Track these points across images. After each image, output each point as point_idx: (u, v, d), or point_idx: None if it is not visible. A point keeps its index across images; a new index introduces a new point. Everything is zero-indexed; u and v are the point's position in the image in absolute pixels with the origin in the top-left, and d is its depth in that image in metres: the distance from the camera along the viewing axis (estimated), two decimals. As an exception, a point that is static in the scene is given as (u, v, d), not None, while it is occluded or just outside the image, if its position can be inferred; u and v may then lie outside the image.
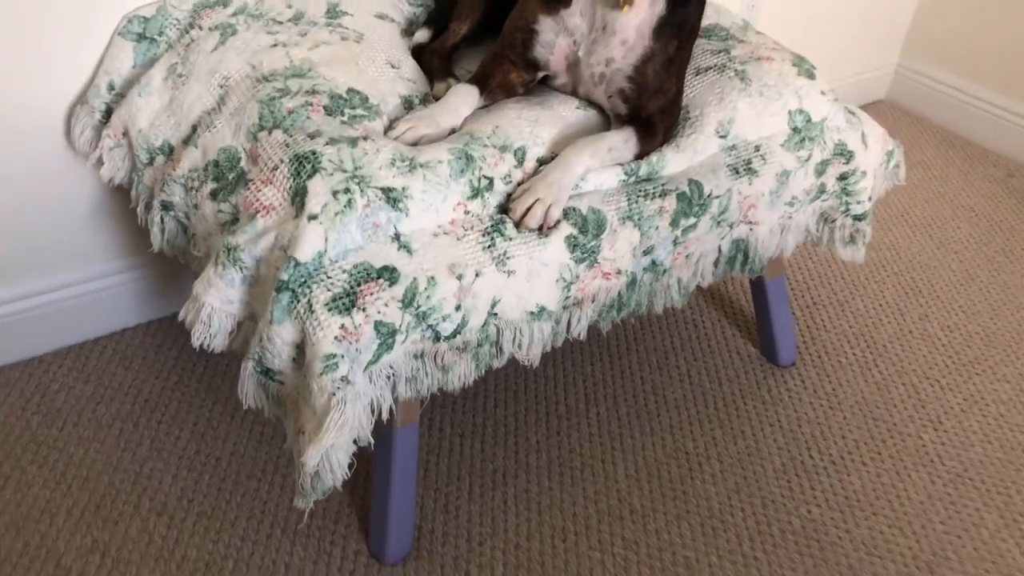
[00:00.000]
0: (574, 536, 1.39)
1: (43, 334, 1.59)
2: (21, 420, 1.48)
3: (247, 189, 1.14)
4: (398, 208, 1.10)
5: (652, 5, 1.24)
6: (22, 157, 1.43)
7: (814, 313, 1.91)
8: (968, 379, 1.77)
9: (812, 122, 1.44)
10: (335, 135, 1.15)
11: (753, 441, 1.59)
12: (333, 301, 1.03)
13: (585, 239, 1.20)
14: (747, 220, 1.40)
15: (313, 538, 1.34)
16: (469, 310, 1.12)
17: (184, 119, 1.27)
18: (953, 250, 2.16)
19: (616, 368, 1.71)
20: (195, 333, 1.13)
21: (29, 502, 1.35)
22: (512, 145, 1.23)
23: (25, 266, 1.52)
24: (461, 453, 1.50)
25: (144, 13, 1.38)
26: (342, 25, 1.39)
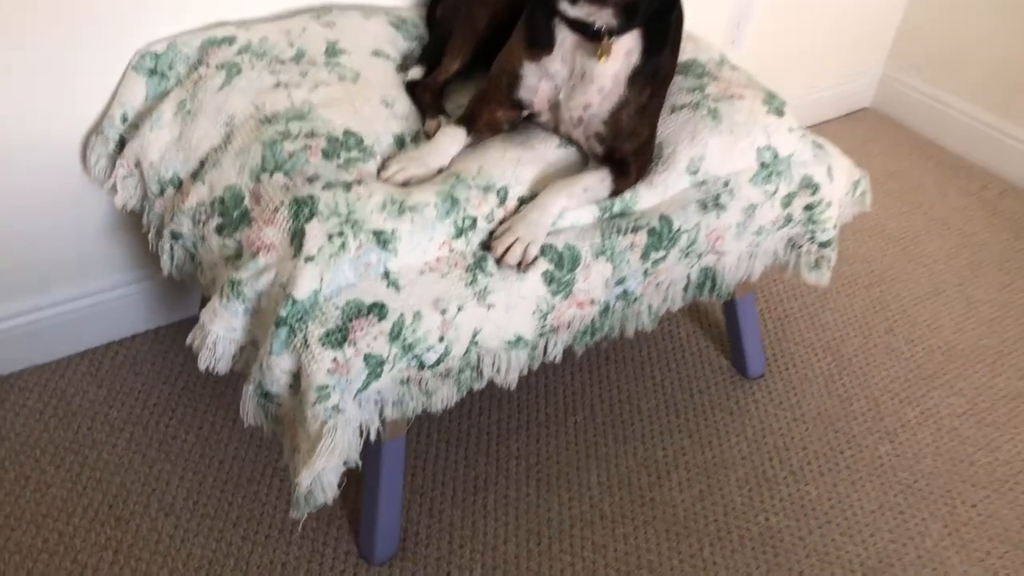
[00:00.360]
0: (548, 540, 1.51)
1: (60, 340, 1.70)
2: (40, 422, 1.59)
3: (250, 227, 1.24)
4: (387, 249, 1.20)
5: (627, 56, 1.34)
6: (41, 179, 1.54)
7: (784, 326, 2.02)
8: (926, 392, 1.89)
9: (779, 157, 1.54)
10: (331, 179, 1.25)
11: (719, 451, 1.71)
12: (327, 336, 1.14)
13: (561, 273, 1.31)
14: (715, 250, 1.50)
15: (307, 539, 1.46)
16: (451, 341, 1.23)
17: (192, 154, 1.38)
18: (923, 263, 2.27)
19: (594, 377, 1.83)
20: (201, 358, 1.24)
21: (48, 501, 1.47)
22: (495, 185, 1.33)
23: (43, 278, 1.63)
24: (446, 459, 1.62)
25: (156, 49, 1.48)
26: (340, 64, 1.49)
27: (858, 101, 2.95)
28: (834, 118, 2.91)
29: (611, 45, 1.32)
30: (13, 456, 1.53)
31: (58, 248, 1.62)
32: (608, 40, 1.31)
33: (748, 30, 2.40)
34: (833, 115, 2.90)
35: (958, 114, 2.73)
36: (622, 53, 1.33)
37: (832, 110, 2.89)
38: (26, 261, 1.60)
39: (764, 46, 2.48)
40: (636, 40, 1.33)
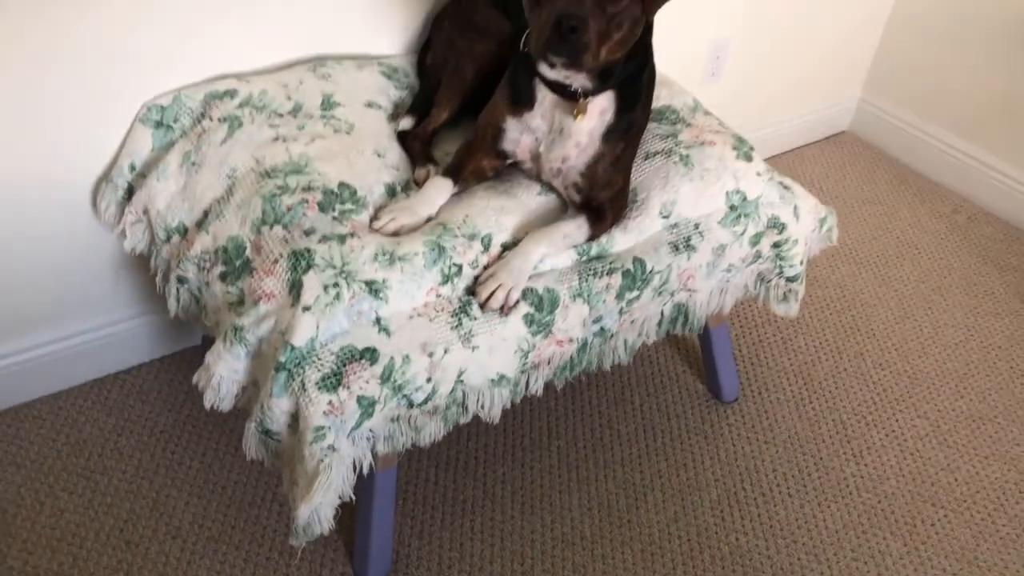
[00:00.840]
0: (531, 561, 1.61)
1: (71, 370, 1.80)
2: (52, 450, 1.69)
3: (252, 276, 1.34)
4: (379, 297, 1.30)
5: (602, 114, 1.44)
6: (53, 222, 1.63)
7: (758, 351, 2.13)
8: (891, 415, 1.99)
9: (747, 200, 1.64)
10: (327, 232, 1.35)
11: (694, 473, 1.81)
12: (322, 380, 1.24)
13: (540, 315, 1.41)
14: (686, 288, 1.60)
15: (306, 560, 1.56)
16: (439, 381, 1.33)
17: (197, 204, 1.48)
18: (893, 288, 2.38)
19: (576, 403, 1.93)
20: (206, 397, 1.34)
21: (62, 526, 1.57)
22: (480, 233, 1.43)
23: (55, 313, 1.73)
24: (435, 484, 1.72)
25: (161, 102, 1.58)
26: (335, 117, 1.59)
27: (837, 125, 3.06)
28: (814, 141, 3.01)
29: (587, 104, 1.42)
30: (29, 483, 1.63)
31: (69, 285, 1.72)
32: (584, 100, 1.41)
33: (727, 62, 2.50)
34: (813, 139, 3.01)
35: (932, 140, 2.83)
36: (597, 112, 1.44)
37: (812, 134, 2.99)
38: (39, 297, 1.69)
39: (743, 77, 2.58)
40: (610, 100, 1.44)
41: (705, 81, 2.49)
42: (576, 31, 1.25)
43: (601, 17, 1.28)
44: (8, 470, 1.65)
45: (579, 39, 1.26)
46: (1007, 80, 2.58)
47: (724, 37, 2.43)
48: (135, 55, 1.55)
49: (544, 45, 1.27)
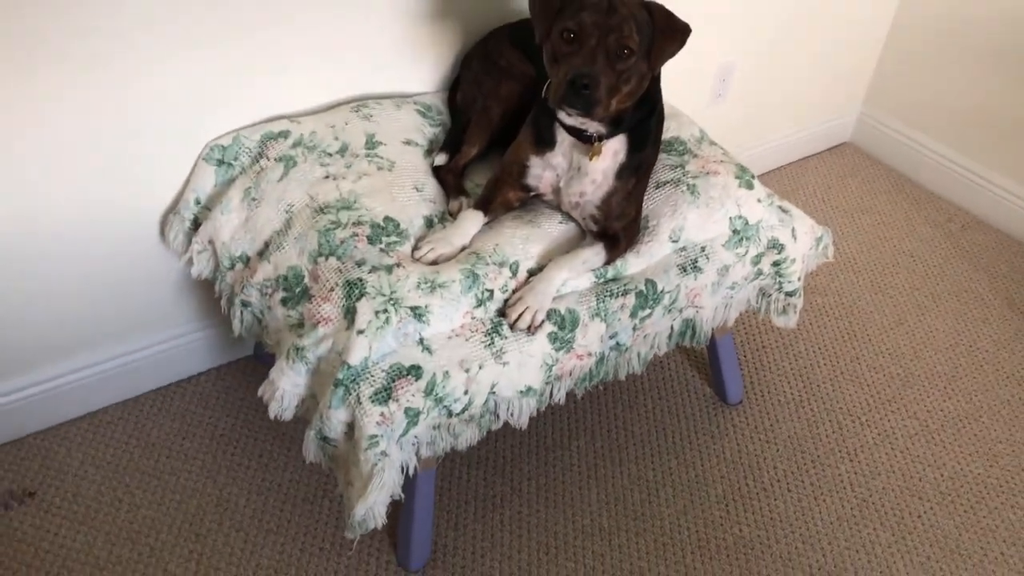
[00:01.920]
0: (555, 550, 1.80)
1: (139, 379, 2.00)
2: (126, 452, 1.89)
3: (310, 302, 1.53)
4: (422, 321, 1.49)
5: (615, 155, 1.63)
6: (126, 247, 1.82)
7: (762, 356, 2.31)
8: (884, 416, 2.17)
9: (749, 224, 1.82)
10: (376, 263, 1.54)
11: (701, 470, 2.00)
12: (375, 395, 1.43)
13: (563, 333, 1.60)
14: (693, 305, 1.78)
15: (360, 548, 1.76)
16: (474, 393, 1.52)
17: (258, 236, 1.67)
18: (889, 295, 2.55)
19: (594, 406, 2.12)
20: (271, 408, 1.53)
21: (139, 520, 1.77)
22: (508, 260, 1.61)
23: (124, 327, 1.93)
24: (468, 481, 1.92)
25: (222, 142, 1.77)
26: (378, 155, 1.77)
27: (839, 137, 3.22)
28: (817, 152, 3.18)
29: (601, 147, 1.60)
30: (107, 481, 1.83)
31: (138, 304, 1.91)
32: (598, 143, 1.60)
33: (732, 84, 2.67)
34: (817, 150, 3.17)
35: (928, 152, 3.00)
36: (610, 153, 1.62)
37: (816, 145, 3.16)
38: (113, 315, 1.89)
39: (748, 97, 2.75)
40: (622, 143, 1.62)
41: (713, 102, 2.66)
42: (588, 88, 1.43)
43: (611, 74, 1.47)
44: (89, 470, 1.85)
45: (591, 95, 1.44)
46: (999, 95, 2.74)
47: (730, 61, 2.60)
48: (199, 99, 1.73)
49: (561, 98, 1.46)
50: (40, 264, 1.75)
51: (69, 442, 1.90)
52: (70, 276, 1.80)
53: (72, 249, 1.77)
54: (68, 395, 1.92)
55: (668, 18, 1.53)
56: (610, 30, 1.46)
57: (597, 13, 1.47)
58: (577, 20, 1.47)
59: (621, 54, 1.47)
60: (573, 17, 1.48)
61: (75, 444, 1.89)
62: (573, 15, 1.48)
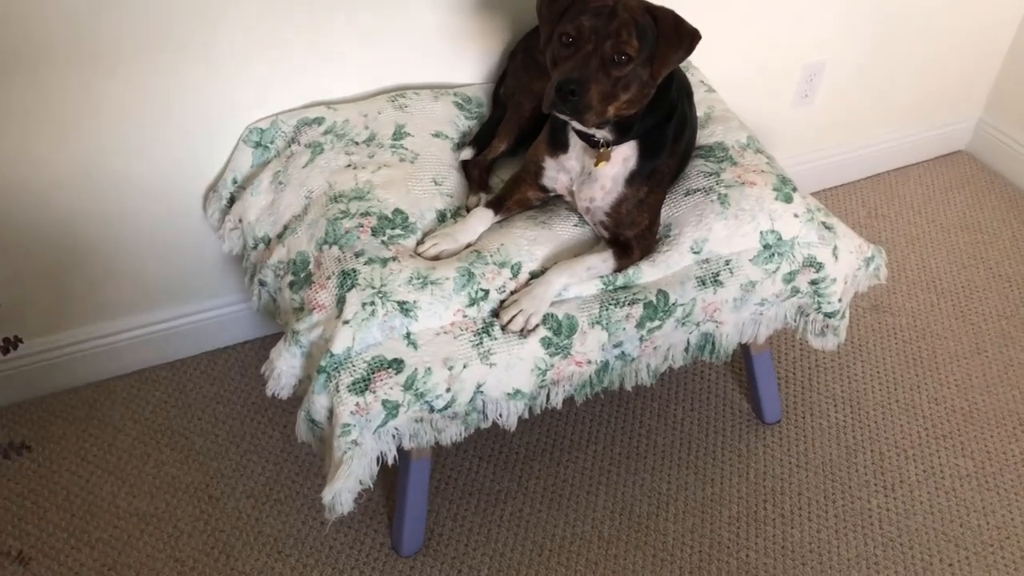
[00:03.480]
0: (549, 552, 1.80)
1: (185, 343, 2.12)
2: (163, 411, 2.02)
3: (310, 288, 1.58)
4: (409, 316, 1.51)
5: (625, 162, 1.59)
6: (173, 221, 1.93)
7: (813, 375, 2.20)
8: (935, 452, 2.03)
9: (782, 240, 1.73)
10: (373, 255, 1.57)
11: (719, 488, 1.93)
12: (353, 384, 1.47)
13: (559, 339, 1.58)
14: (712, 320, 1.72)
15: (354, 528, 1.81)
16: (457, 391, 1.53)
17: (279, 219, 1.73)
18: (971, 321, 2.37)
19: (620, 410, 2.08)
20: (268, 386, 1.59)
21: (162, 476, 1.89)
22: (511, 261, 1.61)
23: (176, 294, 2.05)
24: (476, 473, 1.93)
25: (261, 125, 1.84)
26: (403, 146, 1.80)
27: (953, 144, 3.00)
28: (926, 160, 2.97)
29: (609, 153, 1.57)
30: (142, 436, 1.96)
31: (187, 273, 2.02)
32: (605, 149, 1.56)
33: (821, 84, 2.52)
34: (925, 157, 2.97)
35: (1048, 166, 2.75)
36: (620, 159, 1.58)
37: (924, 152, 2.95)
38: (164, 281, 2.02)
39: (841, 98, 2.60)
40: (632, 149, 1.58)
41: (798, 103, 2.53)
42: (576, 94, 1.40)
43: (606, 80, 1.43)
44: (128, 424, 1.99)
45: (579, 101, 1.41)
46: None
47: (818, 61, 2.46)
48: (245, 83, 1.81)
49: (550, 103, 1.43)
50: (101, 226, 1.88)
51: (115, 396, 2.04)
52: (127, 241, 1.93)
53: (130, 217, 1.90)
54: (120, 352, 2.06)
55: (674, 23, 1.48)
56: (608, 35, 1.43)
57: (597, 17, 1.44)
58: (576, 24, 1.44)
59: (618, 60, 1.43)
60: (572, 21, 1.45)
61: (119, 399, 2.03)
62: (573, 19, 1.45)
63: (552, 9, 1.49)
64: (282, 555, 1.76)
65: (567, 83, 1.40)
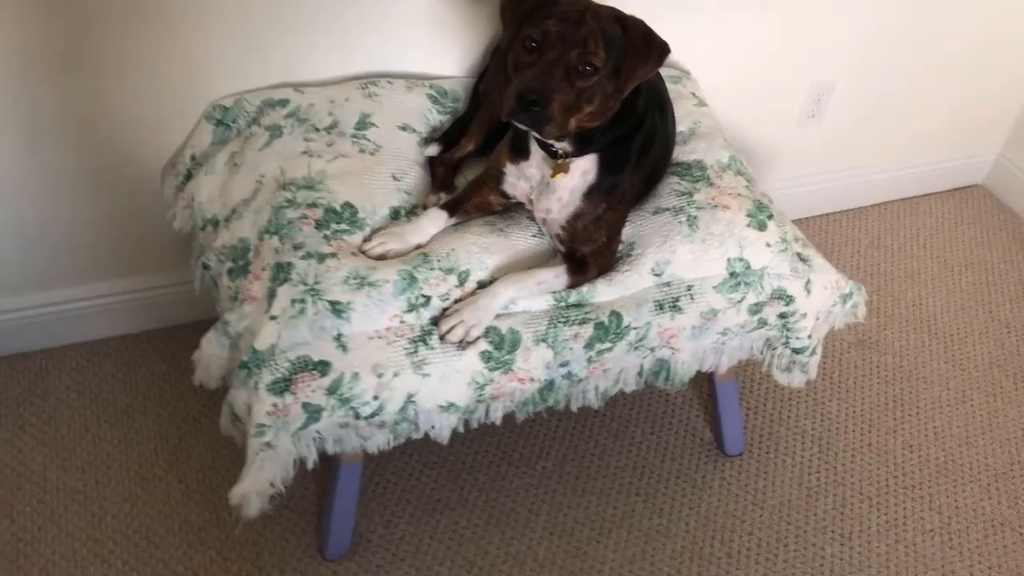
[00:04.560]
0: (478, 570, 1.73)
1: (141, 317, 2.08)
2: (109, 386, 1.98)
3: (246, 278, 1.52)
4: (341, 317, 1.45)
5: (584, 175, 1.51)
6: (134, 192, 1.89)
7: (784, 408, 2.10)
8: (901, 502, 1.93)
9: (751, 269, 1.64)
10: (312, 249, 1.50)
11: (667, 520, 1.85)
12: (273, 384, 1.40)
13: (499, 354, 1.51)
14: (669, 346, 1.64)
15: (281, 525, 1.76)
16: (386, 400, 1.46)
17: (228, 202, 1.67)
18: (961, 366, 2.26)
19: (576, 426, 2.01)
20: (195, 375, 1.54)
21: (97, 452, 1.85)
22: (458, 268, 1.54)
23: (135, 266, 2.01)
24: (416, 479, 1.87)
25: (224, 103, 1.78)
26: (366, 137, 1.73)
27: (969, 177, 2.87)
28: (939, 191, 2.85)
29: (567, 164, 1.49)
30: (84, 410, 1.93)
31: (147, 246, 1.98)
32: (564, 160, 1.48)
33: (830, 104, 2.41)
34: (938, 188, 2.84)
35: (1065, 210, 2.62)
36: (579, 172, 1.50)
37: (937, 183, 2.83)
38: (124, 252, 1.97)
39: (851, 120, 2.48)
40: (593, 162, 1.50)
41: (803, 122, 2.43)
42: (537, 104, 1.32)
43: (569, 91, 1.35)
44: (72, 396, 1.95)
45: (540, 112, 1.33)
46: None
47: (828, 80, 2.35)
48: (214, 57, 1.75)
49: (509, 111, 1.35)
50: (59, 193, 1.84)
51: (63, 366, 2.00)
52: (86, 209, 1.89)
53: (89, 185, 1.85)
54: (74, 320, 2.03)
55: (644, 36, 1.39)
56: (574, 43, 1.34)
57: (564, 23, 1.35)
58: (541, 28, 1.36)
59: (583, 70, 1.35)
60: (538, 25, 1.36)
61: (67, 368, 2.00)
62: (539, 23, 1.37)
63: (517, 10, 1.41)
64: (203, 545, 1.72)
65: (529, 92, 1.31)
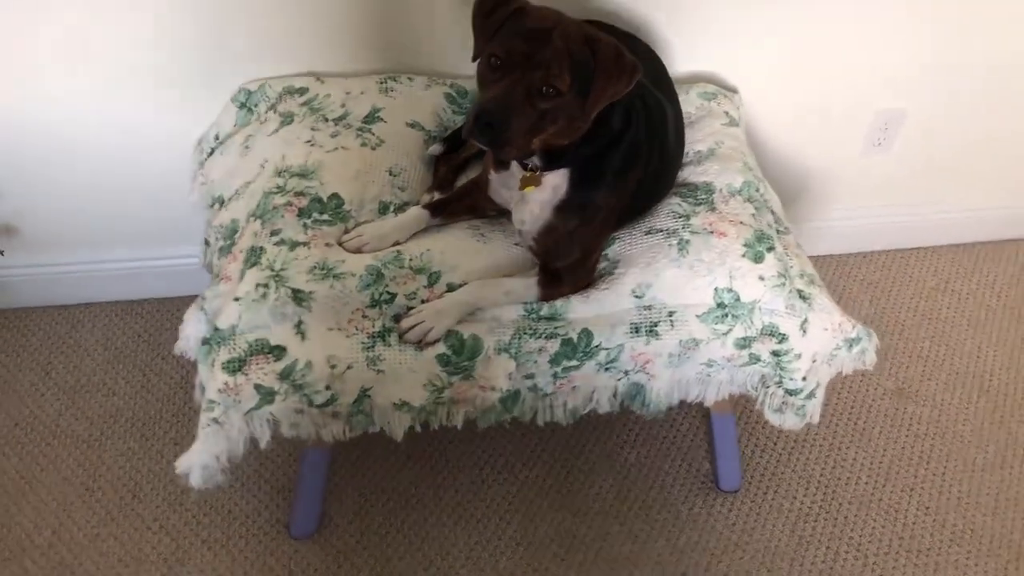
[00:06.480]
0: (435, 570, 1.74)
1: (177, 282, 2.18)
2: (133, 344, 2.09)
3: (227, 257, 1.58)
4: (302, 305, 1.48)
5: (555, 189, 1.49)
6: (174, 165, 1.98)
7: (794, 450, 2.00)
8: (901, 566, 1.81)
9: (740, 301, 1.58)
10: (287, 236, 1.54)
11: (639, 548, 1.80)
12: (228, 362, 1.45)
13: (459, 359, 1.50)
14: (644, 371, 1.59)
15: (258, 498, 1.82)
16: (339, 391, 1.49)
17: (234, 183, 1.73)
18: (1008, 429, 2.08)
19: (570, 440, 1.97)
20: (177, 345, 1.61)
21: (108, 406, 1.96)
22: (430, 269, 1.54)
23: (164, 236, 2.11)
24: (397, 471, 1.89)
25: (250, 87, 1.85)
26: (371, 131, 1.75)
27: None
28: (998, 240, 2.60)
29: (538, 178, 1.47)
30: (105, 364, 2.05)
31: (175, 217, 2.07)
32: (532, 174, 1.46)
33: (900, 135, 2.26)
34: (997, 237, 2.61)
35: None
36: (550, 186, 1.48)
37: (996, 232, 2.60)
38: (151, 222, 2.08)
39: (926, 152, 2.32)
40: (563, 177, 1.48)
41: (869, 151, 2.29)
42: (495, 127, 1.30)
43: (531, 112, 1.33)
44: (98, 349, 2.08)
45: (498, 135, 1.31)
46: None
47: (897, 108, 2.21)
48: (246, 42, 1.82)
49: (469, 130, 1.34)
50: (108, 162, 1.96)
51: (96, 320, 2.14)
52: (133, 179, 2.00)
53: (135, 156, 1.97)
54: (114, 279, 2.15)
55: (615, 56, 1.35)
56: (539, 64, 1.31)
57: (530, 42, 1.32)
58: (506, 47, 1.33)
59: (546, 92, 1.32)
60: (504, 43, 1.34)
61: (100, 324, 2.13)
62: (505, 40, 1.34)
63: (485, 24, 1.38)
64: (181, 507, 1.80)
65: (486, 113, 1.30)
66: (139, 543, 1.74)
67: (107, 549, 1.73)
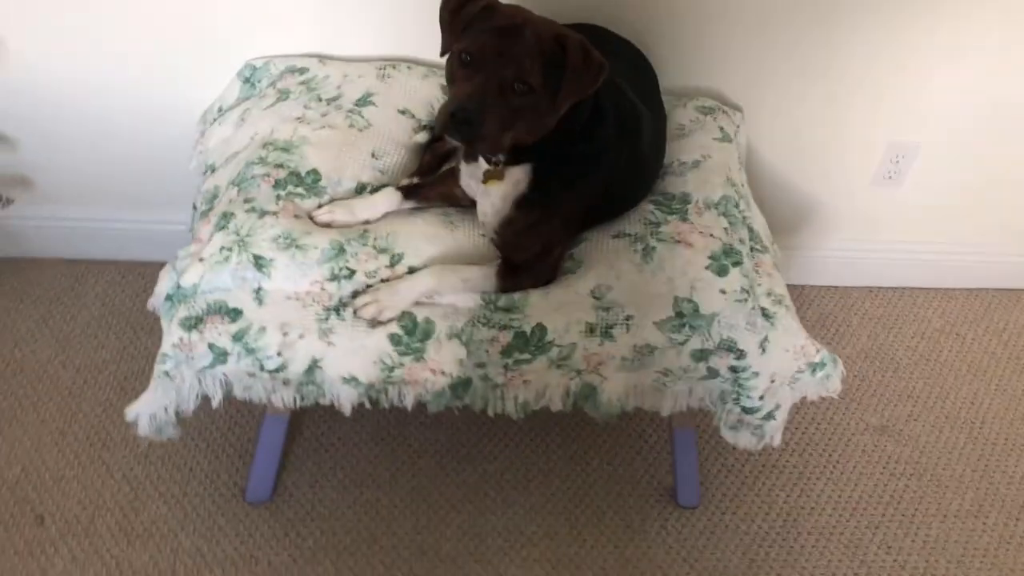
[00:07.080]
0: (378, 548, 1.77)
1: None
2: (129, 303, 2.18)
3: (204, 220, 1.64)
4: (262, 271, 1.52)
5: (516, 184, 1.51)
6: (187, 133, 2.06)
7: (763, 475, 1.97)
8: (850, 602, 1.77)
9: (699, 313, 1.57)
10: (259, 205, 1.59)
11: (585, 552, 1.80)
12: (185, 320, 1.51)
13: (410, 340, 1.53)
14: (597, 372, 1.60)
15: (223, 461, 1.87)
16: (289, 359, 1.52)
17: (226, 151, 1.79)
18: (990, 479, 2.02)
19: (536, 437, 1.98)
20: (150, 301, 1.67)
21: (95, 359, 2.04)
22: (393, 250, 1.58)
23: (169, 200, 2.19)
24: (360, 450, 1.92)
25: (255, 63, 1.91)
26: (361, 114, 1.79)
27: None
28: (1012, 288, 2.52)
29: (501, 172, 1.50)
30: (99, 319, 2.14)
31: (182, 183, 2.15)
32: (497, 168, 1.49)
33: (912, 168, 2.21)
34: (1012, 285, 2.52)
35: None
36: (512, 180, 1.50)
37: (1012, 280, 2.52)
38: (159, 186, 2.16)
39: (942, 189, 2.27)
40: (525, 172, 1.50)
41: (878, 183, 2.25)
42: (470, 123, 1.33)
43: (504, 108, 1.35)
44: (96, 304, 2.17)
45: (473, 131, 1.34)
46: None
47: (909, 141, 2.17)
48: (256, 18, 1.89)
49: (442, 127, 1.37)
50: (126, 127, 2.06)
51: (99, 277, 2.23)
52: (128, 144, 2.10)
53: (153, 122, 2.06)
54: (122, 238, 2.25)
55: (583, 54, 1.36)
56: (510, 60, 1.34)
57: (501, 38, 1.35)
58: (478, 43, 1.36)
59: (519, 88, 1.34)
60: (474, 39, 1.37)
61: (102, 280, 2.22)
62: (475, 36, 1.37)
63: (454, 20, 1.41)
64: (148, 460, 1.86)
65: (461, 111, 1.32)
66: (100, 489, 1.81)
67: (70, 491, 1.80)
